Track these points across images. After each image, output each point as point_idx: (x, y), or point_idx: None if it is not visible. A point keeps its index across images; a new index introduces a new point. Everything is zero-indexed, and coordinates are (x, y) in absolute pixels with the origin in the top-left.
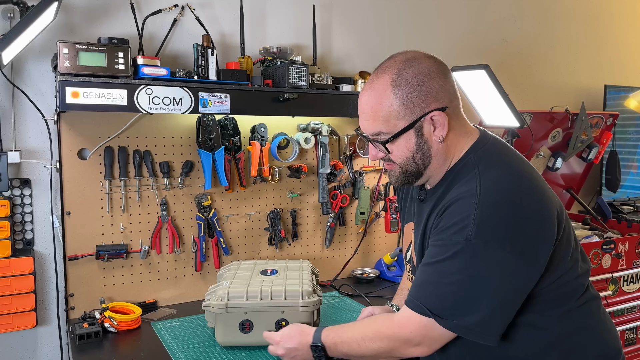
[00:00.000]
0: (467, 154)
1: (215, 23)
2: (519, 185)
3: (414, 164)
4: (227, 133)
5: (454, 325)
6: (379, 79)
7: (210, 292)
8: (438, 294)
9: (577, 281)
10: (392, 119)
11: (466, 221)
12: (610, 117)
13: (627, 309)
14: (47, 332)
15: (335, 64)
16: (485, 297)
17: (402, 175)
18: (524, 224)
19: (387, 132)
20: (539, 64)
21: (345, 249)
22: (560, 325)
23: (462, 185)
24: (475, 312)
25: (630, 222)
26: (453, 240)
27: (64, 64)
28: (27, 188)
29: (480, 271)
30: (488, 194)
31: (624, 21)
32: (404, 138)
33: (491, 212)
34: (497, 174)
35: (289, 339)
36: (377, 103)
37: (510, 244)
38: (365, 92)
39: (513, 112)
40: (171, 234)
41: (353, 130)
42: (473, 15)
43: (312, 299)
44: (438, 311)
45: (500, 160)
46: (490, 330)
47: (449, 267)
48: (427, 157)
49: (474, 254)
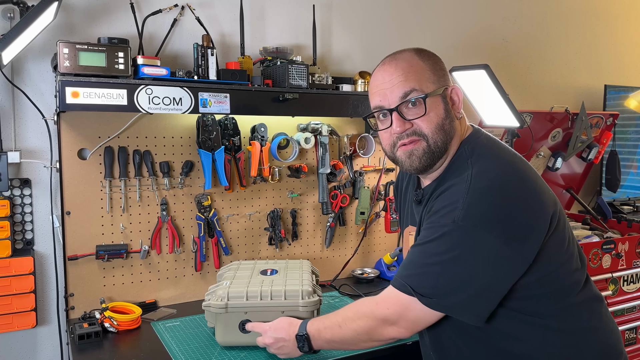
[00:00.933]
0: (462, 144)
1: (215, 23)
2: (512, 174)
3: (443, 133)
4: (227, 133)
5: (434, 303)
6: (400, 54)
7: (210, 292)
8: (422, 273)
9: (573, 277)
10: (424, 80)
11: (455, 204)
12: (610, 117)
13: (627, 309)
14: (47, 332)
15: (335, 64)
16: (468, 279)
17: (426, 151)
18: (514, 210)
19: (420, 90)
20: (539, 64)
21: (345, 249)
22: (559, 322)
23: (456, 176)
24: (458, 292)
25: (630, 222)
26: (441, 223)
27: (64, 64)
28: (27, 188)
29: (465, 253)
30: (479, 181)
31: (624, 21)
32: (434, 103)
33: (481, 196)
34: (489, 163)
35: (277, 329)
36: (408, 65)
37: (498, 228)
38: (392, 63)
39: (513, 112)
40: (171, 234)
41: (353, 130)
42: (473, 15)
43: (312, 299)
44: (421, 290)
45: (492, 152)
46: (473, 310)
47: (435, 248)
48: (452, 129)
49: (460, 236)
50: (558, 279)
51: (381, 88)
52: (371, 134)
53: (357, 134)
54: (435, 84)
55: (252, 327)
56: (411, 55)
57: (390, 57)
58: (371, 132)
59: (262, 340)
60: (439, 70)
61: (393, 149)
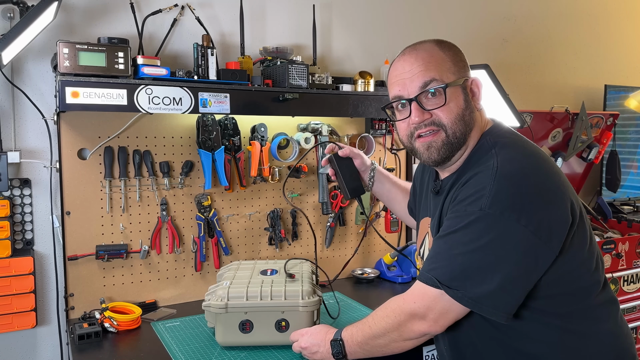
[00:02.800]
0: (483, 136)
1: (215, 23)
2: (537, 164)
3: (462, 124)
4: (227, 133)
5: (462, 295)
6: (421, 45)
7: (210, 292)
8: (448, 265)
9: (594, 277)
10: (444, 70)
11: (482, 192)
12: (610, 117)
13: (627, 309)
14: (47, 332)
15: (335, 64)
16: (495, 268)
17: (445, 143)
18: (542, 200)
19: (440, 80)
20: (539, 64)
21: (345, 249)
22: (576, 324)
23: (479, 164)
24: (485, 283)
25: (630, 222)
26: (467, 211)
27: (64, 64)
28: (27, 188)
29: (492, 241)
30: (505, 168)
31: (624, 21)
32: (454, 93)
33: (509, 183)
34: (514, 152)
35: (314, 334)
36: (429, 55)
37: (526, 217)
38: (412, 53)
39: (513, 112)
40: (171, 234)
41: (353, 130)
42: (473, 15)
43: (312, 299)
44: (447, 282)
45: (515, 142)
46: (500, 306)
47: (461, 237)
48: (472, 120)
49: (487, 224)
50: (579, 278)
51: (401, 78)
52: (371, 134)
53: (357, 134)
54: (455, 74)
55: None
56: (432, 45)
57: (410, 48)
58: (371, 132)
59: (299, 344)
60: (459, 61)
61: (411, 139)
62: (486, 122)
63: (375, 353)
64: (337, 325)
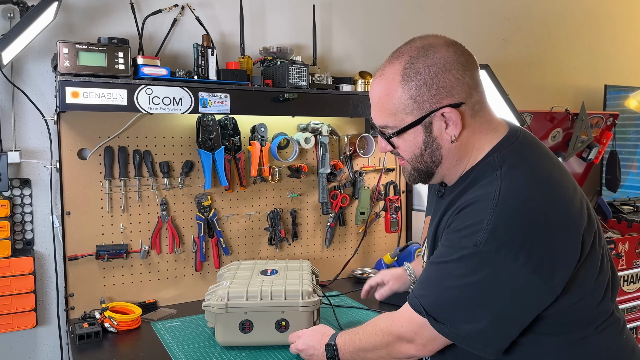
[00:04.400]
0: (489, 153)
1: (215, 23)
2: (545, 193)
3: (422, 162)
4: (227, 133)
5: (448, 331)
6: (391, 66)
7: (210, 292)
8: (437, 296)
9: (601, 306)
10: (399, 112)
11: (478, 226)
12: (610, 117)
13: (627, 309)
14: (47, 332)
15: (335, 64)
16: (486, 307)
17: (413, 172)
18: (545, 235)
19: (394, 126)
20: (539, 64)
21: (345, 249)
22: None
23: (481, 187)
24: (474, 321)
25: (630, 222)
26: (461, 244)
27: (64, 64)
28: (27, 188)
29: (485, 279)
30: (507, 200)
31: (624, 21)
32: (412, 134)
33: (508, 218)
34: (520, 178)
35: (311, 336)
36: (385, 94)
37: (525, 255)
38: (376, 80)
39: (513, 112)
40: (171, 234)
41: (353, 130)
42: (473, 15)
43: (312, 299)
44: (434, 313)
45: (526, 162)
46: (489, 343)
47: (452, 270)
48: (437, 156)
49: (481, 261)
50: (584, 308)
51: (371, 102)
52: (371, 134)
53: (357, 134)
54: (413, 113)
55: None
56: (394, 75)
57: (381, 68)
58: (371, 132)
59: (295, 346)
60: (425, 92)
61: None
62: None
63: None
64: (330, 324)
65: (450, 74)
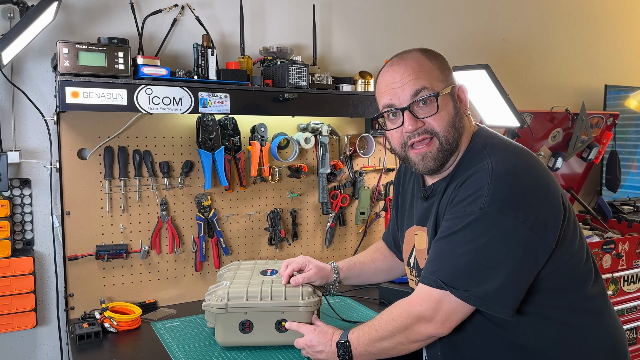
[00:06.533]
0: (473, 138)
1: (215, 23)
2: (528, 162)
3: (454, 131)
4: (227, 133)
5: (468, 295)
6: (407, 54)
7: (210, 292)
8: (451, 265)
9: (585, 267)
10: (433, 79)
11: (480, 192)
12: (610, 117)
13: (627, 309)
14: (47, 332)
15: (335, 64)
16: (499, 265)
17: (440, 151)
18: (537, 196)
19: (431, 89)
20: (539, 64)
21: (345, 249)
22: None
23: (473, 165)
24: (489, 281)
25: (630, 222)
26: (467, 211)
27: (64, 64)
28: (27, 188)
29: (494, 239)
30: (500, 167)
31: (624, 21)
32: (444, 101)
33: (505, 182)
34: (504, 152)
35: (322, 333)
36: (418, 65)
37: (523, 213)
38: (397, 63)
39: (513, 112)
40: (171, 234)
41: (353, 130)
42: (473, 15)
43: (312, 299)
44: (452, 282)
45: (504, 143)
46: (504, 301)
47: (463, 237)
48: (462, 125)
49: (488, 222)
50: (573, 269)
51: (392, 87)
52: (371, 134)
53: (357, 134)
54: (444, 82)
55: (296, 327)
56: (419, 55)
57: (397, 57)
58: (371, 132)
59: (304, 341)
60: (445, 69)
61: (404, 148)
62: (474, 126)
63: (381, 355)
64: (342, 326)
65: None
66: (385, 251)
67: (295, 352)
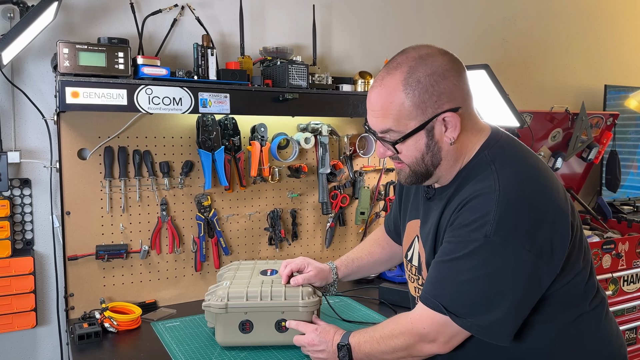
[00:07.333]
0: (480, 150)
1: (215, 23)
2: (537, 183)
3: (423, 165)
4: (227, 133)
5: (470, 324)
6: (390, 76)
7: (210, 292)
8: (454, 292)
9: (590, 282)
10: (402, 118)
11: (486, 218)
12: (610, 117)
13: (627, 309)
14: (47, 332)
15: (335, 64)
16: (503, 295)
17: (411, 175)
18: (543, 221)
19: (398, 131)
20: (539, 64)
21: (345, 249)
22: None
23: (479, 182)
24: (493, 311)
25: (630, 222)
26: (471, 237)
27: (64, 64)
28: (27, 188)
29: (498, 269)
30: (508, 191)
31: (624, 21)
32: (414, 139)
33: (512, 208)
34: (514, 170)
35: (323, 333)
36: (388, 101)
37: (530, 241)
38: (375, 89)
39: (513, 112)
40: (171, 234)
41: (353, 130)
42: (473, 15)
43: (312, 299)
44: (454, 309)
45: (515, 156)
46: (506, 330)
47: (467, 264)
48: (437, 158)
49: (493, 251)
50: (576, 286)
51: (369, 109)
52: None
53: (357, 134)
54: (417, 119)
55: (296, 326)
56: (396, 84)
57: (379, 78)
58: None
59: (304, 339)
60: (427, 99)
61: None
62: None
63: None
64: (342, 326)
65: (448, 81)
66: (384, 242)
67: (295, 352)
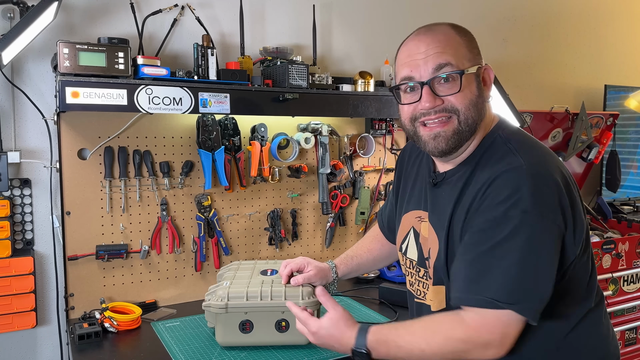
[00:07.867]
0: (493, 131)
1: (215, 23)
2: (554, 162)
3: (476, 111)
4: (227, 133)
5: (527, 309)
6: (436, 26)
7: (210, 292)
8: (504, 280)
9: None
10: (460, 56)
11: (519, 193)
12: (610, 117)
13: (627, 309)
14: (47, 332)
15: (335, 64)
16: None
17: (456, 132)
18: (566, 198)
19: (456, 66)
20: (539, 64)
21: (346, 249)
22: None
23: (500, 160)
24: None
25: (630, 222)
26: (508, 215)
27: (64, 64)
28: (27, 188)
29: (539, 244)
30: (535, 168)
31: (624, 21)
32: (469, 80)
33: (541, 184)
34: (531, 149)
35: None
36: (446, 38)
37: (561, 216)
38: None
39: (513, 112)
40: (171, 234)
41: (353, 130)
42: (473, 15)
43: (312, 299)
44: (510, 299)
45: (528, 138)
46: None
47: (511, 246)
48: (483, 109)
49: (533, 226)
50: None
51: (413, 59)
52: (371, 134)
53: (357, 134)
54: (470, 61)
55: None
56: (448, 28)
57: (424, 28)
58: (371, 132)
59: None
60: (474, 47)
61: (414, 123)
62: (493, 117)
63: None
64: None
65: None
66: (382, 238)
67: (295, 352)
